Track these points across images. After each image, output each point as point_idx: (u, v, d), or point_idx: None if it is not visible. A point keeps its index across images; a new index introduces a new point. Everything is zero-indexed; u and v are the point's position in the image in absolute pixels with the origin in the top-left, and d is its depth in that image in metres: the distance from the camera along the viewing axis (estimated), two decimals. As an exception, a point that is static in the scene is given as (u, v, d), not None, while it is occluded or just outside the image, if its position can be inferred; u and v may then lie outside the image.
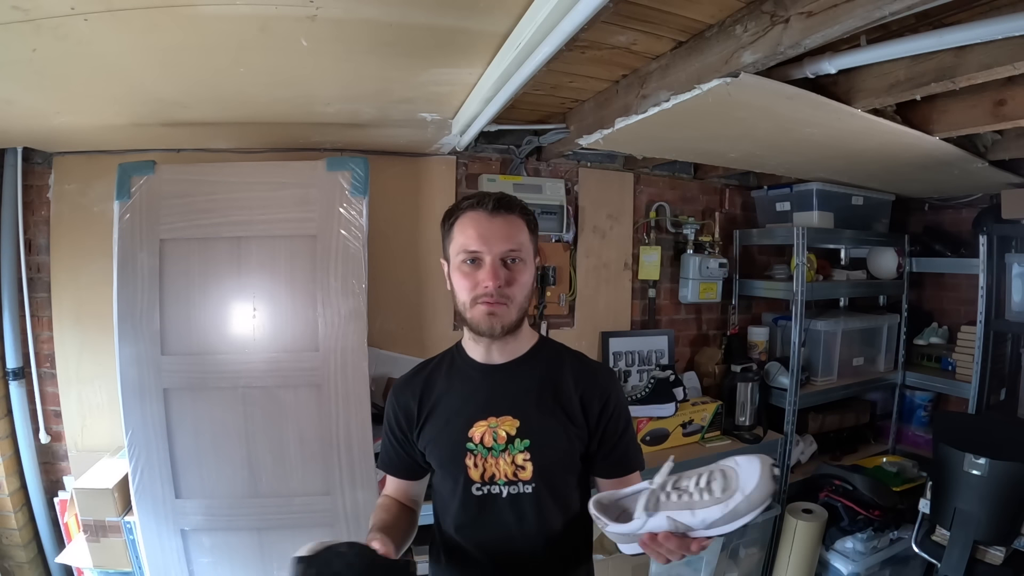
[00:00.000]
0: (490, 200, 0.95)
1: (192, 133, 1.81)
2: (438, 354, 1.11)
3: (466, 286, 0.95)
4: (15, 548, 1.91)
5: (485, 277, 0.93)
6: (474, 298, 0.94)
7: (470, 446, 0.97)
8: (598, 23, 1.01)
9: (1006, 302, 2.36)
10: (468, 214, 0.96)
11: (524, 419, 0.97)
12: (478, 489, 0.97)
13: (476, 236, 0.94)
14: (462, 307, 0.97)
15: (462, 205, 0.98)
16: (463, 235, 0.95)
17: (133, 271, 1.60)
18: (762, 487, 0.68)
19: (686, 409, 2.23)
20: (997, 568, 1.82)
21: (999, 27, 1.02)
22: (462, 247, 0.95)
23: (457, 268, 0.96)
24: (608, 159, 2.47)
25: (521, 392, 1.00)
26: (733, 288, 2.69)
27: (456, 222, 0.97)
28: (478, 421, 0.98)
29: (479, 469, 0.97)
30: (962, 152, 1.84)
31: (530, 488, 0.96)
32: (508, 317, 0.95)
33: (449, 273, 1.00)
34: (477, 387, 1.01)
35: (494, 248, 0.93)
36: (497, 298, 0.93)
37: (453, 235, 0.97)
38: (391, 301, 2.12)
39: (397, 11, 1.02)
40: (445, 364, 1.07)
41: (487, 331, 0.95)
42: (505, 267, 0.94)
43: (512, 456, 0.96)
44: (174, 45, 1.12)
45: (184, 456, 1.63)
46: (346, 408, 1.65)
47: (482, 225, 0.94)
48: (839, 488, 2.34)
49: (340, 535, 1.66)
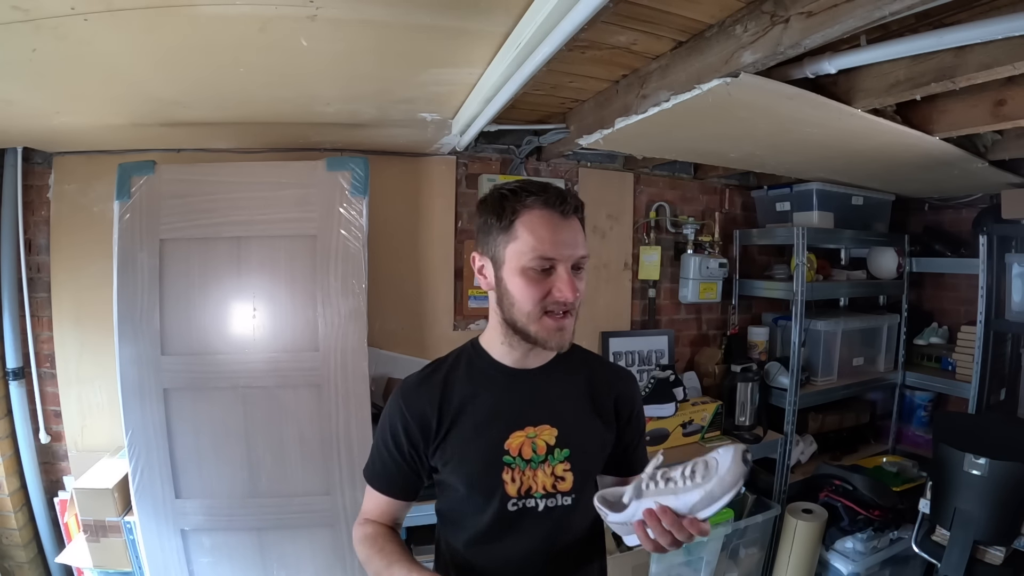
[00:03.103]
0: (564, 200, 0.84)
1: (192, 133, 1.81)
2: (448, 355, 0.98)
3: (534, 296, 0.83)
4: (15, 548, 1.91)
5: (564, 289, 0.83)
6: (543, 309, 0.84)
7: (507, 459, 0.88)
8: (598, 23, 1.01)
9: (1006, 302, 2.36)
10: (538, 212, 0.83)
11: (563, 427, 0.91)
12: (514, 504, 0.89)
13: (552, 241, 0.82)
14: (523, 317, 0.85)
15: (524, 199, 0.84)
16: (534, 237, 0.83)
17: (133, 271, 1.60)
18: (734, 470, 0.75)
19: (686, 409, 2.23)
20: (997, 568, 1.82)
21: (999, 27, 1.02)
22: (533, 250, 0.82)
23: (522, 272, 0.84)
24: (608, 159, 2.47)
25: (557, 398, 0.93)
26: (733, 288, 2.69)
27: (521, 219, 0.84)
28: (515, 431, 0.89)
29: (516, 484, 0.89)
30: (962, 152, 1.84)
31: (569, 500, 0.91)
32: (572, 329, 0.87)
33: (499, 275, 0.87)
34: (509, 393, 0.92)
35: (570, 255, 0.84)
36: (566, 309, 0.85)
37: (516, 233, 0.84)
38: (391, 301, 2.13)
39: (397, 11, 1.02)
40: (462, 366, 0.95)
41: (556, 345, 0.86)
42: (574, 274, 0.85)
43: (552, 467, 0.90)
44: (174, 45, 1.12)
45: (184, 456, 1.63)
46: (346, 408, 1.65)
47: (558, 228, 0.83)
48: (839, 488, 2.34)
49: (340, 535, 1.66)
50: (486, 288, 0.91)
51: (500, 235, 0.85)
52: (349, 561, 1.68)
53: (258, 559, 1.67)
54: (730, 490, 0.75)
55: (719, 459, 0.76)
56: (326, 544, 1.68)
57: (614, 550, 2.00)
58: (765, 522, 2.25)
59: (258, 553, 1.67)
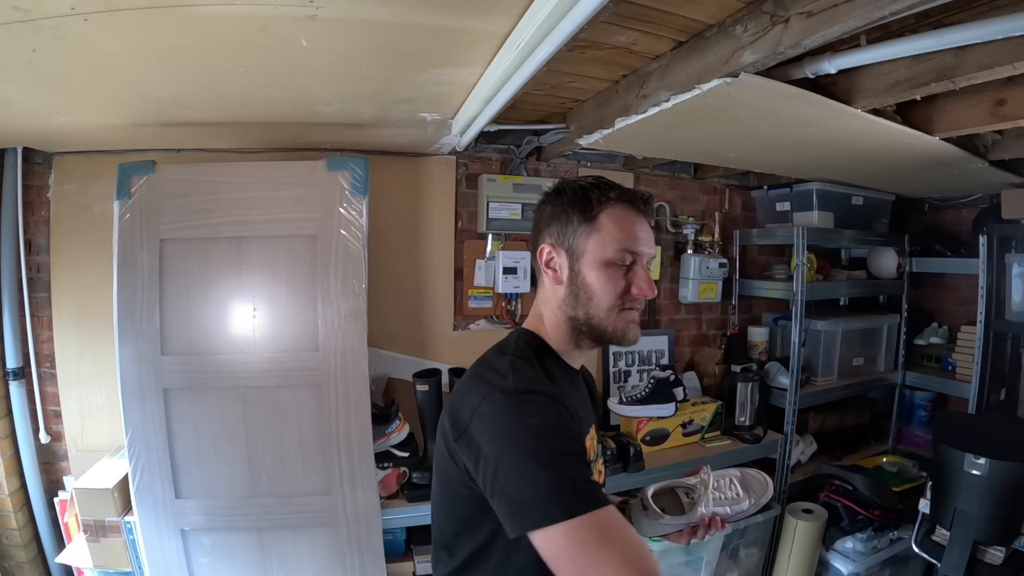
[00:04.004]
0: (647, 199, 0.86)
1: (192, 133, 1.81)
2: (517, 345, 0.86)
3: (614, 290, 0.82)
4: (15, 548, 1.91)
5: (644, 285, 0.82)
6: (623, 304, 0.83)
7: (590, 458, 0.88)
8: (598, 23, 1.01)
9: (1006, 302, 2.36)
10: (622, 206, 0.84)
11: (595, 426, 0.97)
12: None
13: (637, 235, 0.83)
14: (602, 311, 0.82)
15: (611, 194, 0.84)
16: (621, 230, 0.82)
17: (133, 271, 1.60)
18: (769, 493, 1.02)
19: (686, 409, 2.23)
20: (997, 568, 1.82)
21: (999, 27, 1.02)
22: (620, 243, 0.82)
23: (605, 266, 0.82)
24: (608, 159, 2.47)
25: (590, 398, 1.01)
26: (733, 288, 2.70)
27: (606, 211, 0.83)
28: (587, 431, 0.89)
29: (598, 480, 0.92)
30: (962, 152, 1.84)
31: None
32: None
33: (576, 267, 0.84)
34: (577, 394, 0.92)
35: (649, 252, 0.85)
36: (640, 307, 0.85)
37: (602, 224, 0.83)
38: (391, 301, 2.12)
39: (397, 11, 1.02)
40: (537, 359, 0.84)
41: (631, 340, 0.85)
42: None
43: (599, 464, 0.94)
44: (174, 45, 1.12)
45: (184, 456, 1.63)
46: (346, 408, 1.65)
47: (640, 224, 0.84)
48: (839, 488, 2.34)
49: (340, 535, 1.66)
50: (552, 283, 0.87)
51: (583, 226, 0.84)
52: (349, 561, 1.68)
53: (258, 559, 1.67)
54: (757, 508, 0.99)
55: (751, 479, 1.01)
56: (326, 544, 1.68)
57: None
58: (765, 522, 2.25)
59: (258, 553, 1.67)
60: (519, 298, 2.30)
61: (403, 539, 1.88)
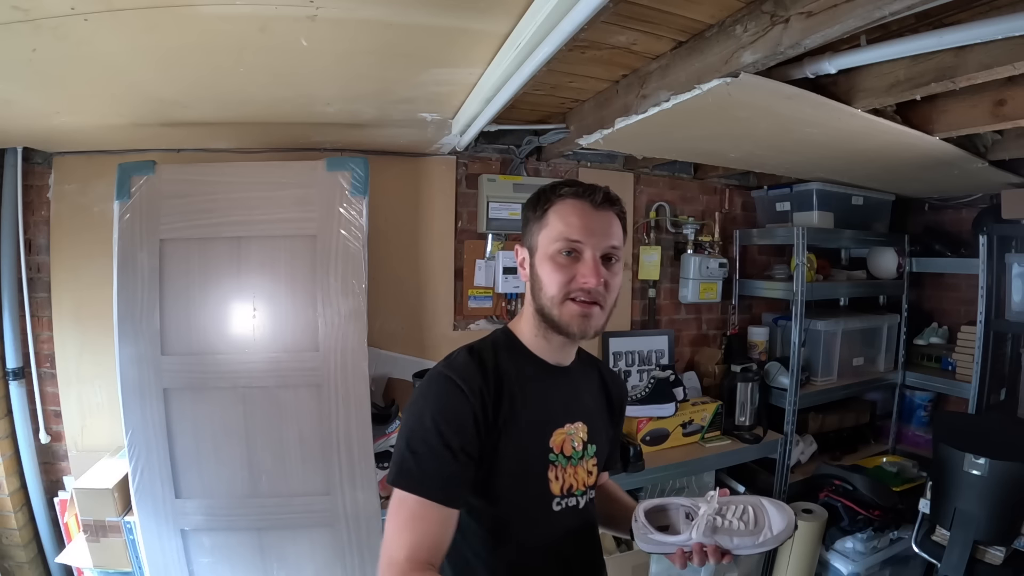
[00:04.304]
0: (598, 193, 0.88)
1: (192, 133, 1.81)
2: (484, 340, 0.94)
3: (559, 280, 0.85)
4: (15, 548, 1.91)
5: (587, 273, 0.84)
6: (567, 294, 0.85)
7: (552, 457, 0.89)
8: (598, 23, 1.01)
9: (1006, 302, 2.36)
10: (570, 201, 0.87)
11: (591, 424, 0.94)
12: (557, 504, 0.89)
13: (581, 226, 0.85)
14: (548, 301, 0.86)
15: (560, 191, 0.89)
16: (564, 223, 0.86)
17: (133, 271, 1.60)
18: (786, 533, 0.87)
19: (686, 409, 2.23)
20: (997, 568, 1.82)
21: (999, 27, 1.02)
22: (562, 235, 0.86)
23: (551, 258, 0.86)
24: (608, 159, 2.47)
25: (586, 396, 0.97)
26: (733, 288, 2.70)
27: (554, 208, 0.88)
28: (557, 428, 0.90)
29: (559, 482, 0.89)
30: (962, 152, 1.84)
31: (593, 493, 0.95)
32: (600, 320, 0.87)
33: (532, 262, 0.90)
34: (551, 390, 0.91)
35: (598, 243, 0.86)
36: (593, 297, 0.85)
37: (548, 221, 0.88)
38: (391, 301, 2.13)
39: (397, 11, 1.02)
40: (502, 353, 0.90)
41: (578, 332, 0.86)
42: (604, 265, 0.87)
43: (587, 464, 0.93)
44: (174, 45, 1.12)
45: (184, 456, 1.63)
46: (346, 408, 1.65)
47: (587, 216, 0.86)
48: (839, 488, 2.34)
49: (340, 535, 1.66)
50: (524, 280, 0.93)
51: (535, 224, 0.90)
52: (349, 561, 1.68)
53: (258, 559, 1.67)
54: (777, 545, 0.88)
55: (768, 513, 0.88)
56: (326, 544, 1.68)
57: (613, 550, 2.00)
58: (765, 522, 2.25)
59: (258, 553, 1.67)
60: (519, 298, 2.30)
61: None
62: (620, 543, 2.05)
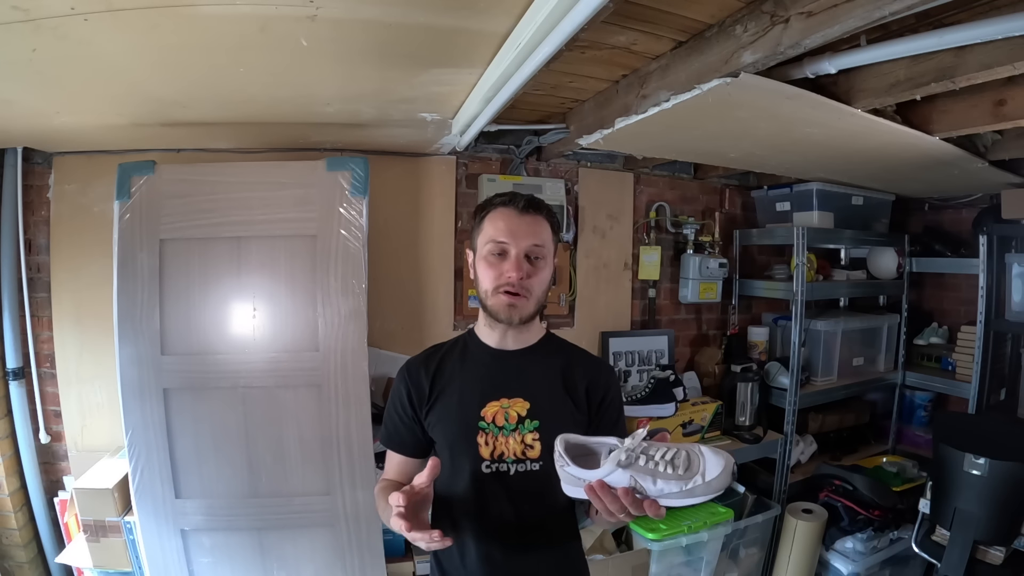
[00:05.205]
0: (521, 199, 1.03)
1: (192, 133, 1.81)
2: (451, 339, 1.17)
3: (491, 275, 1.02)
4: (15, 548, 1.91)
5: (509, 268, 1.00)
6: (496, 287, 1.01)
7: (482, 424, 1.02)
8: (598, 23, 1.01)
9: (1006, 302, 2.36)
10: (499, 209, 1.04)
11: (534, 402, 1.03)
12: (487, 467, 1.01)
13: (505, 229, 1.01)
14: (484, 294, 1.04)
15: (495, 201, 1.06)
16: (492, 227, 1.02)
17: (133, 271, 1.60)
18: (721, 480, 0.76)
19: (686, 409, 2.23)
20: (997, 568, 1.82)
21: (999, 27, 1.02)
22: (490, 238, 1.02)
23: (484, 258, 1.03)
24: (608, 159, 2.47)
25: (533, 377, 1.06)
26: (733, 288, 2.69)
27: (487, 215, 1.05)
28: (491, 401, 1.03)
29: (489, 447, 1.01)
30: (962, 152, 1.84)
31: (538, 466, 1.02)
32: (526, 309, 1.02)
33: (475, 262, 1.07)
34: (490, 369, 1.07)
35: (520, 242, 1.01)
36: (518, 289, 1.00)
37: (483, 227, 1.05)
38: (391, 301, 2.13)
39: (397, 11, 1.02)
40: (458, 348, 1.12)
41: (505, 319, 1.02)
42: (528, 262, 1.01)
43: (522, 436, 1.02)
44: (174, 45, 1.12)
45: (184, 456, 1.63)
46: (346, 408, 1.65)
47: (512, 220, 1.02)
48: (839, 488, 2.34)
49: (340, 535, 1.66)
50: (471, 278, 1.09)
51: (476, 230, 1.07)
52: (349, 561, 1.68)
53: (258, 559, 1.67)
54: (710, 496, 0.77)
55: (704, 459, 0.77)
56: (326, 544, 1.68)
57: (614, 550, 2.00)
58: (765, 522, 2.25)
59: (258, 553, 1.67)
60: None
61: (403, 539, 1.88)
62: (620, 543, 2.05)
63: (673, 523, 1.95)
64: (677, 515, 1.98)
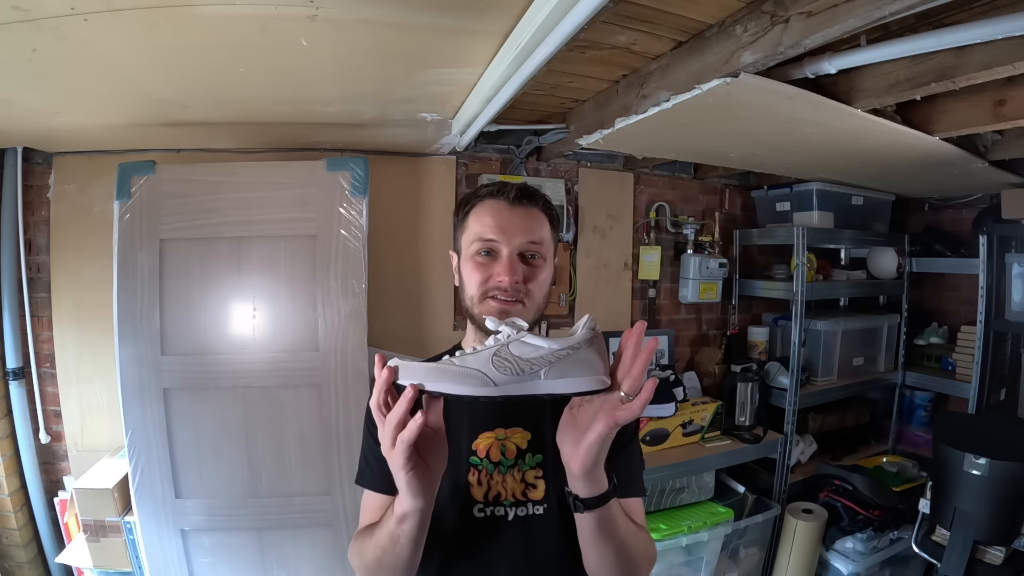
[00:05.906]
0: (512, 189, 0.86)
1: (192, 133, 1.81)
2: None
3: (477, 279, 0.84)
4: (15, 548, 1.91)
5: (501, 271, 0.82)
6: (484, 292, 0.83)
7: (474, 460, 0.84)
8: (598, 23, 1.01)
9: (1006, 302, 2.36)
10: (486, 202, 0.86)
11: (536, 431, 0.86)
12: (480, 511, 0.83)
13: (494, 225, 0.84)
14: (470, 302, 0.86)
15: (480, 192, 0.88)
16: (479, 223, 0.85)
17: (133, 271, 1.60)
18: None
19: (686, 409, 2.23)
20: (997, 568, 1.82)
21: (999, 27, 1.02)
22: (477, 236, 0.84)
23: (470, 259, 0.85)
24: (608, 159, 2.47)
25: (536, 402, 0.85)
26: (733, 288, 2.69)
27: (472, 210, 0.87)
28: (483, 432, 0.86)
29: (483, 487, 0.83)
30: (962, 152, 1.84)
31: (541, 509, 0.83)
32: (523, 318, 0.81)
33: (459, 265, 0.89)
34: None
35: (513, 240, 0.83)
36: (512, 295, 0.82)
37: (468, 224, 0.87)
38: (391, 301, 2.12)
39: (397, 11, 1.02)
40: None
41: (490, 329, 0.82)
42: (524, 262, 0.84)
43: (522, 473, 0.84)
44: (174, 45, 1.12)
45: (184, 456, 1.63)
46: (346, 408, 1.65)
47: (502, 215, 0.84)
48: (839, 488, 2.34)
49: (340, 535, 1.66)
50: (456, 284, 0.91)
51: (459, 229, 0.89)
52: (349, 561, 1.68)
53: (258, 559, 1.67)
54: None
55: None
56: (326, 544, 1.68)
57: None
58: (765, 522, 2.25)
59: (258, 553, 1.67)
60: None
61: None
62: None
63: (673, 523, 1.95)
64: (677, 515, 1.98)
